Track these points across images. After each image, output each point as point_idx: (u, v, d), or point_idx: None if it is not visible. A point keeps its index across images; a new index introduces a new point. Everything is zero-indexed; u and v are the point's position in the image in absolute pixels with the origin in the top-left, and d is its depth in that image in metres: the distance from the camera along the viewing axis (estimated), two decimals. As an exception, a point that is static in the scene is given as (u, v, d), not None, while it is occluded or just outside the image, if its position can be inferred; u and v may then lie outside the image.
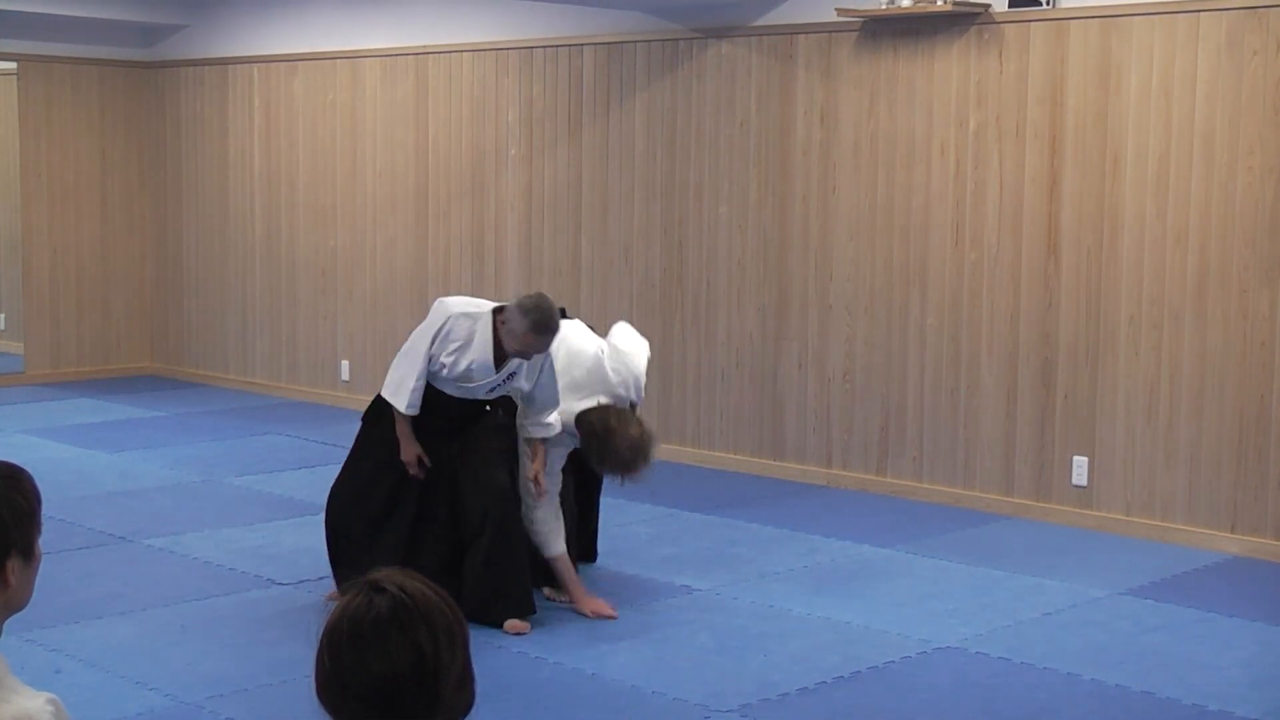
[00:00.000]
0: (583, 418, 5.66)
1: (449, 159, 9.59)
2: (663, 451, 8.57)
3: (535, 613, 5.61)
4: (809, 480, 8.01)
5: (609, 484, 6.19)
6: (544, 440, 5.71)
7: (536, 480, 5.67)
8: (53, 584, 5.42)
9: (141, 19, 10.89)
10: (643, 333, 6.43)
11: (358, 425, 5.98)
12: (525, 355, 5.49)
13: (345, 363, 10.27)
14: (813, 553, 6.64)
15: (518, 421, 5.75)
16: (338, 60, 10.16)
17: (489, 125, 9.35)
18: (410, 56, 9.74)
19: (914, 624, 5.61)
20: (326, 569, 5.96)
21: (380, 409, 5.76)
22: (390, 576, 1.87)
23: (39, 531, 2.19)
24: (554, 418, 5.70)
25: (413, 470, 5.64)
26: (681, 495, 7.66)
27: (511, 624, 5.51)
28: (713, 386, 8.43)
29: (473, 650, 1.90)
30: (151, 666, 5.09)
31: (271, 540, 6.75)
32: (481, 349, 5.52)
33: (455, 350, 5.53)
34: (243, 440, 9.07)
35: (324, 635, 1.85)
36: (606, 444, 5.59)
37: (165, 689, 4.87)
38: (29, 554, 2.16)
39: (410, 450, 5.63)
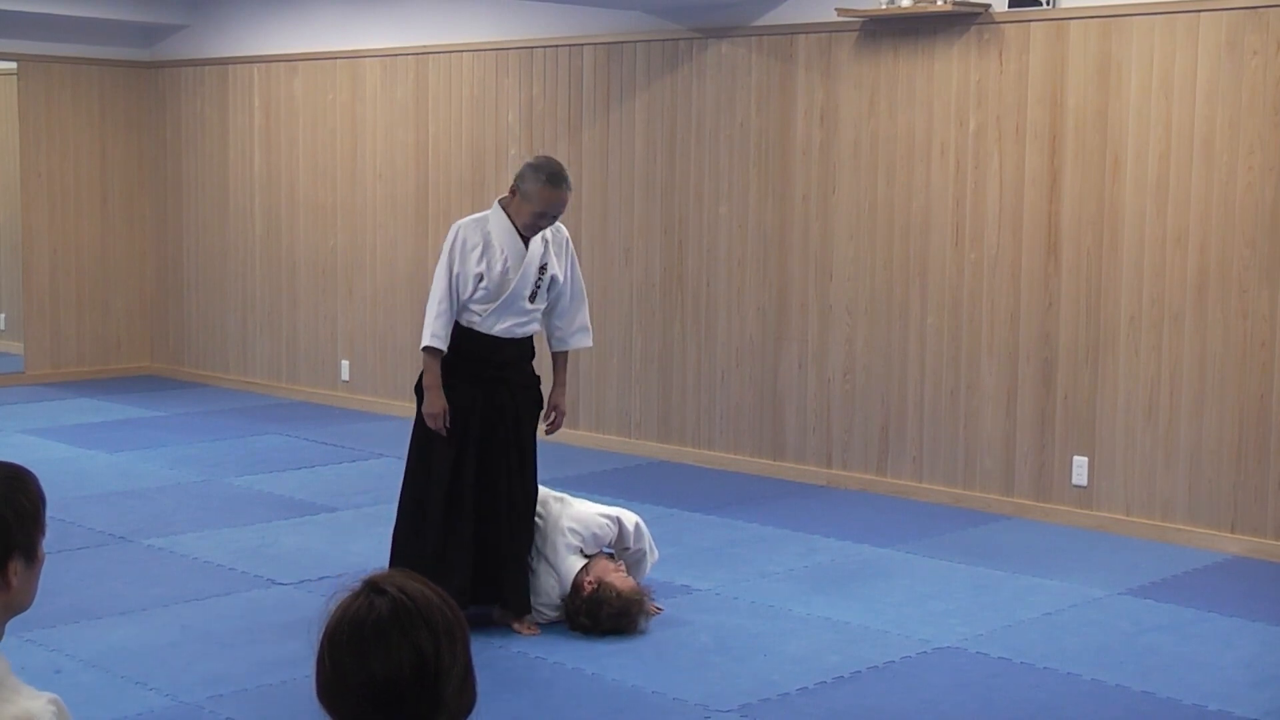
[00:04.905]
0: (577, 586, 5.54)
1: (449, 159, 9.59)
2: (663, 451, 8.61)
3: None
4: (809, 480, 8.01)
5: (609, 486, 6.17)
6: (578, 350, 5.66)
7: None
8: (53, 584, 5.39)
9: (141, 19, 10.89)
10: (643, 333, 6.44)
11: (357, 425, 5.95)
12: (543, 220, 5.35)
13: (345, 363, 10.26)
14: (813, 553, 6.64)
15: (555, 338, 5.65)
16: (338, 60, 10.16)
17: (489, 125, 9.35)
18: (410, 56, 9.74)
19: (914, 624, 5.61)
20: (327, 569, 5.96)
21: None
22: (390, 578, 1.87)
23: (43, 533, 2.19)
24: (588, 320, 5.65)
25: (434, 424, 5.36)
26: (681, 495, 7.66)
27: (521, 624, 5.49)
28: (713, 386, 8.43)
29: (473, 650, 1.90)
30: (151, 666, 5.09)
31: (271, 540, 6.75)
32: (504, 236, 5.40)
33: (480, 254, 5.38)
34: (243, 440, 9.07)
35: (324, 637, 1.85)
36: (598, 611, 5.44)
37: (165, 689, 4.87)
38: (32, 555, 2.16)
39: (436, 402, 5.36)
